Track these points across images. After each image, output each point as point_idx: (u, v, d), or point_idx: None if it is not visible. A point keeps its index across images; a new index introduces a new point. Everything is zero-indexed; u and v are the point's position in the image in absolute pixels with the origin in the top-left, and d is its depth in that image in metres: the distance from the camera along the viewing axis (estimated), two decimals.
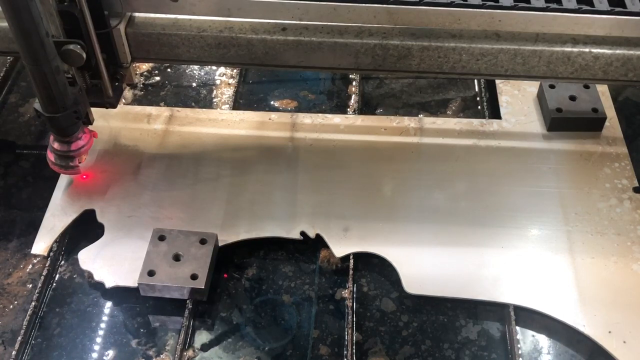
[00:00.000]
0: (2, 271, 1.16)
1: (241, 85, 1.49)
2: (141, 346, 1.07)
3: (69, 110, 1.06)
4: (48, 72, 0.99)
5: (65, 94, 1.04)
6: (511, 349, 1.06)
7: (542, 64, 1.11)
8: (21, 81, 1.50)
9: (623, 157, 1.30)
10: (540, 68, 1.12)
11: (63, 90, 1.03)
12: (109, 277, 1.12)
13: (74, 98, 1.07)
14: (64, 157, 1.16)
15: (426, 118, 1.39)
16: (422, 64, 1.12)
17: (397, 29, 1.10)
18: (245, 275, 1.16)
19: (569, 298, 1.10)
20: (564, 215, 1.21)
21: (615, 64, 1.10)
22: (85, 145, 1.16)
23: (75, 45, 1.02)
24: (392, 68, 1.14)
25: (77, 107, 1.08)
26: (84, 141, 1.15)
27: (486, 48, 1.10)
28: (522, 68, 1.12)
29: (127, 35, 1.11)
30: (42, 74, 0.99)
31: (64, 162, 1.17)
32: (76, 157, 1.16)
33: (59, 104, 1.05)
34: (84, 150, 1.16)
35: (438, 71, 1.14)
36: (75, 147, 1.15)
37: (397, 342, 1.08)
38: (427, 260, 1.15)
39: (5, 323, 1.09)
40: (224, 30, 1.11)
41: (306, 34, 1.11)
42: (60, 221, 1.20)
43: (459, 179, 1.26)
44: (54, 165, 1.18)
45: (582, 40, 1.10)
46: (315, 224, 1.19)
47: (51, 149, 1.16)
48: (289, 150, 1.31)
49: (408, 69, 1.14)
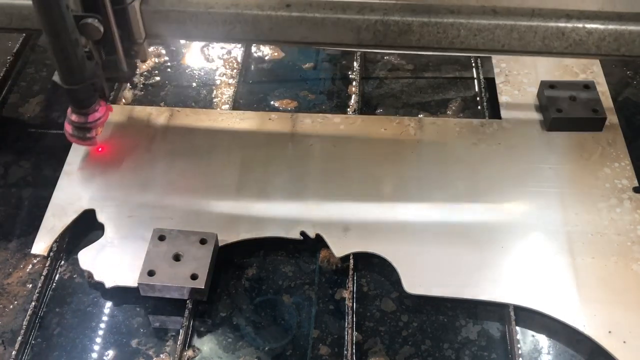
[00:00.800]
0: (2, 271, 1.16)
1: (241, 85, 1.49)
2: (141, 346, 1.07)
3: (86, 82, 1.12)
4: (68, 45, 1.04)
5: (83, 67, 1.09)
6: (511, 349, 1.06)
7: (538, 40, 1.13)
8: (21, 81, 1.50)
9: (623, 157, 1.30)
10: (535, 43, 1.14)
11: (81, 63, 1.09)
12: (109, 277, 1.12)
13: (91, 71, 1.12)
14: (81, 129, 1.21)
15: (426, 118, 1.39)
16: (421, 40, 1.15)
17: (397, 5, 1.13)
18: (245, 275, 1.16)
19: (569, 298, 1.10)
20: (564, 215, 1.21)
21: (608, 39, 1.12)
22: (101, 117, 1.21)
23: (94, 19, 1.06)
24: (392, 44, 1.16)
25: (95, 80, 1.13)
26: (101, 113, 1.20)
27: (483, 24, 1.12)
28: (519, 43, 1.14)
29: (142, 11, 1.13)
30: (62, 46, 1.04)
31: (81, 134, 1.21)
32: (93, 128, 1.21)
33: (77, 77, 1.10)
34: (100, 122, 1.21)
35: (437, 46, 1.16)
36: (92, 119, 1.19)
37: (397, 342, 1.08)
38: (427, 260, 1.15)
39: (5, 323, 1.09)
40: (230, 7, 1.14)
41: (310, 10, 1.14)
42: (60, 221, 1.20)
43: (459, 179, 1.26)
44: (71, 137, 1.22)
45: (576, 16, 1.12)
46: (315, 224, 1.19)
47: (69, 121, 1.21)
48: (289, 150, 1.31)
49: (408, 44, 1.16)
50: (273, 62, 1.55)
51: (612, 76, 1.47)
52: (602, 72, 1.46)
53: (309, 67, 1.53)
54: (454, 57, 1.55)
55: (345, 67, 1.53)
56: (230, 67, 1.52)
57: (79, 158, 1.29)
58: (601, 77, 1.44)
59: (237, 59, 1.53)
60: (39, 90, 1.48)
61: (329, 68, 1.53)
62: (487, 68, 1.50)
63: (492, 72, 1.47)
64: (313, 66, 1.53)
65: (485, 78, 1.48)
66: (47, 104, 1.45)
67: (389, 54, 1.55)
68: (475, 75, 1.50)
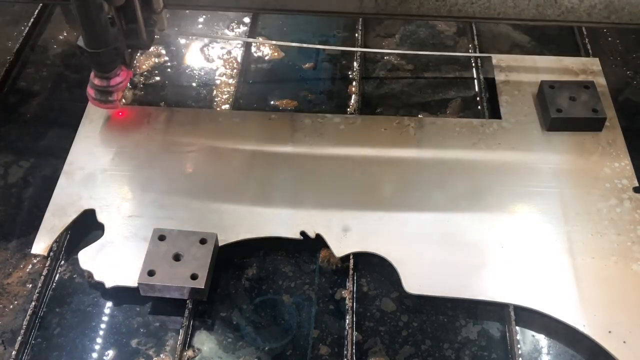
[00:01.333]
0: (2, 271, 1.16)
1: (241, 85, 1.49)
2: (141, 346, 1.07)
3: (110, 46, 1.19)
4: (93, 9, 1.10)
5: (106, 32, 1.16)
6: (511, 349, 1.06)
7: (532, 7, 1.18)
8: (21, 81, 1.50)
9: (623, 157, 1.30)
10: (529, 11, 1.18)
11: (105, 28, 1.16)
12: (109, 277, 1.12)
13: (114, 36, 1.19)
14: (104, 92, 1.26)
15: (426, 118, 1.39)
16: (421, 8, 1.18)
17: None
18: (245, 275, 1.16)
19: (569, 298, 1.10)
20: (564, 215, 1.21)
21: (599, 6, 1.17)
22: (123, 81, 1.26)
23: None
24: (393, 12, 1.20)
25: (117, 44, 1.20)
26: (122, 77, 1.26)
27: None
28: (513, 11, 1.18)
29: None
30: (88, 10, 1.10)
31: (103, 97, 1.27)
32: (114, 92, 1.26)
33: (101, 40, 1.17)
34: (122, 86, 1.26)
35: (436, 15, 1.20)
36: (114, 82, 1.25)
37: (397, 342, 1.08)
38: (427, 260, 1.15)
39: (5, 323, 1.09)
40: None
41: None
42: (60, 221, 1.20)
43: (459, 178, 1.26)
44: (93, 100, 1.28)
45: None
46: (315, 224, 1.19)
47: (91, 85, 1.26)
48: (288, 150, 1.31)
49: (408, 12, 1.19)
50: (273, 62, 1.55)
51: (612, 76, 1.47)
52: (602, 72, 1.46)
53: (309, 67, 1.53)
54: (454, 57, 1.55)
55: (345, 67, 1.53)
56: (230, 67, 1.52)
57: (79, 158, 1.29)
58: (601, 77, 1.44)
59: (237, 59, 1.53)
60: (39, 90, 1.48)
61: (329, 68, 1.53)
62: (487, 68, 1.50)
63: (492, 72, 1.47)
64: (313, 66, 1.53)
65: (485, 78, 1.48)
66: (47, 104, 1.45)
67: (389, 53, 1.55)
68: (475, 75, 1.50)
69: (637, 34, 1.60)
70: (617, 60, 1.54)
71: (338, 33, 1.61)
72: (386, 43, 1.60)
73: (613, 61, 1.54)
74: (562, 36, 1.61)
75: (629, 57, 1.56)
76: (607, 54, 1.55)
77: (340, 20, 1.63)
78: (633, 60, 1.55)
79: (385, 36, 1.61)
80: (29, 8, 1.63)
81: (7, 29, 1.60)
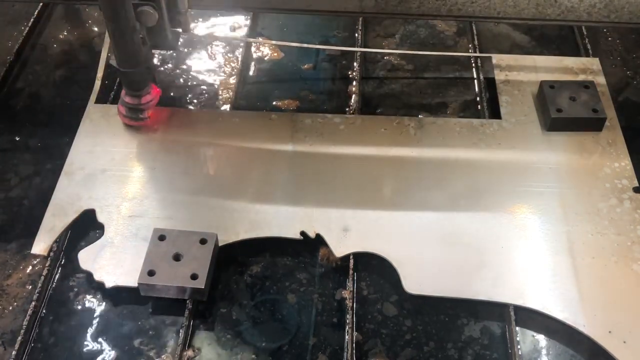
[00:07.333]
0: (2, 272, 1.16)
1: (241, 85, 1.49)
2: (141, 346, 1.07)
3: (142, 66, 1.22)
4: (127, 31, 1.14)
5: (139, 51, 1.20)
6: (511, 349, 1.06)
7: (532, 6, 1.18)
8: (21, 81, 1.50)
9: (623, 157, 1.30)
10: (529, 10, 1.18)
11: (138, 48, 1.19)
12: (109, 277, 1.12)
13: (146, 55, 1.22)
14: (135, 110, 1.30)
15: (426, 118, 1.39)
16: (421, 7, 1.18)
17: None
18: (245, 275, 1.16)
19: (569, 298, 1.10)
20: (564, 215, 1.21)
21: (599, 5, 1.17)
22: (153, 99, 1.30)
23: (149, 7, 1.17)
24: (393, 11, 1.20)
25: (149, 64, 1.24)
26: (152, 95, 1.30)
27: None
28: (513, 10, 1.18)
29: None
30: (122, 32, 1.14)
31: (134, 115, 1.31)
32: (145, 110, 1.30)
33: (133, 60, 1.20)
34: (152, 103, 1.30)
35: (436, 14, 1.20)
36: (145, 100, 1.29)
37: (397, 343, 1.08)
38: (427, 260, 1.14)
39: (5, 324, 1.09)
40: None
41: None
42: (60, 221, 1.20)
43: (459, 178, 1.26)
44: (124, 118, 1.32)
45: None
46: (315, 224, 1.19)
47: (122, 103, 1.30)
48: (289, 150, 1.31)
49: (408, 12, 1.20)
50: (273, 62, 1.55)
51: (612, 76, 1.47)
52: (602, 72, 1.45)
53: (309, 67, 1.53)
54: (454, 58, 1.55)
55: (345, 67, 1.53)
56: (230, 67, 1.52)
57: (79, 158, 1.29)
58: (601, 77, 1.44)
59: (237, 59, 1.53)
60: (39, 90, 1.48)
61: (329, 68, 1.53)
62: (487, 68, 1.50)
63: (492, 72, 1.47)
64: (313, 66, 1.53)
65: (485, 78, 1.48)
66: (47, 104, 1.45)
67: (389, 53, 1.55)
68: (475, 75, 1.50)
69: (637, 34, 1.60)
70: (617, 60, 1.55)
71: (338, 33, 1.61)
72: (386, 43, 1.60)
73: (613, 61, 1.54)
74: (562, 36, 1.61)
75: (629, 57, 1.56)
76: (607, 54, 1.55)
77: (340, 20, 1.63)
78: (633, 60, 1.55)
79: (385, 36, 1.61)
80: (29, 8, 1.63)
81: (7, 29, 1.60)
